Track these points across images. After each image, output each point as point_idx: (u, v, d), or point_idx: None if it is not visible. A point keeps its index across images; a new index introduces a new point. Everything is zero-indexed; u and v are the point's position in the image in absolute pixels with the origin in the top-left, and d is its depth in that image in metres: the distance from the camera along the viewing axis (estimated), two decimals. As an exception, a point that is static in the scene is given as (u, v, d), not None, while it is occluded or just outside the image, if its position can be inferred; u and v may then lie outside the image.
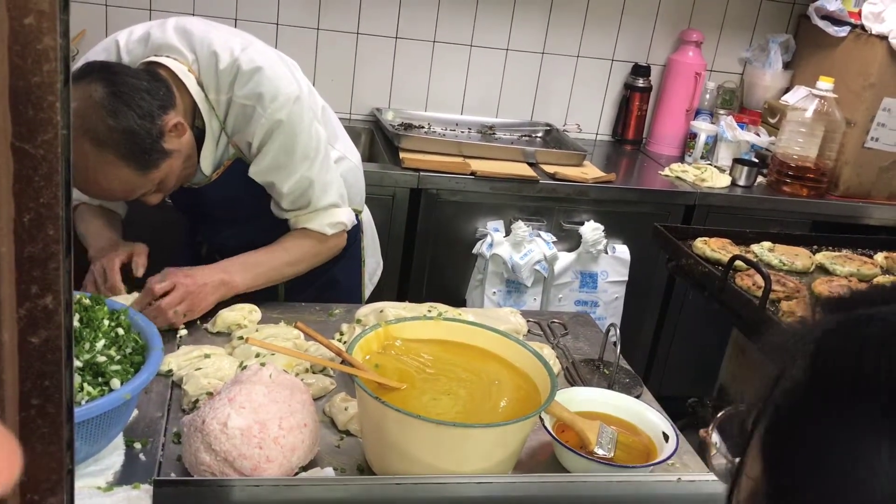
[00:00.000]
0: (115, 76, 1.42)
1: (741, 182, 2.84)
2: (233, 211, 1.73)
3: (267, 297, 1.67)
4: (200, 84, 1.54)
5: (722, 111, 3.16)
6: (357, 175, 1.91)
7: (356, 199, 1.93)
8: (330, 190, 1.69)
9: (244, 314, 1.54)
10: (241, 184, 1.64)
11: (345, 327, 1.59)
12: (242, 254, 1.63)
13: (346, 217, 1.73)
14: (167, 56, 1.54)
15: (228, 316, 1.53)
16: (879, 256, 2.05)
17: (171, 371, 1.35)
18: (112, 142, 1.38)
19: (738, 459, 0.55)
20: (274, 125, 1.55)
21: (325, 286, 1.86)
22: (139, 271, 1.59)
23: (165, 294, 1.48)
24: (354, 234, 1.94)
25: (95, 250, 1.62)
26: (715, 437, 1.15)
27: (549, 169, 2.67)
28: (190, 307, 1.50)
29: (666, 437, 1.28)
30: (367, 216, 2.04)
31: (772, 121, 3.07)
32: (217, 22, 1.71)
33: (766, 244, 2.00)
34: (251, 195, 1.66)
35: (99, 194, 1.51)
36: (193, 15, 2.73)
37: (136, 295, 1.51)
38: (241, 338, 1.45)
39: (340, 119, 3.00)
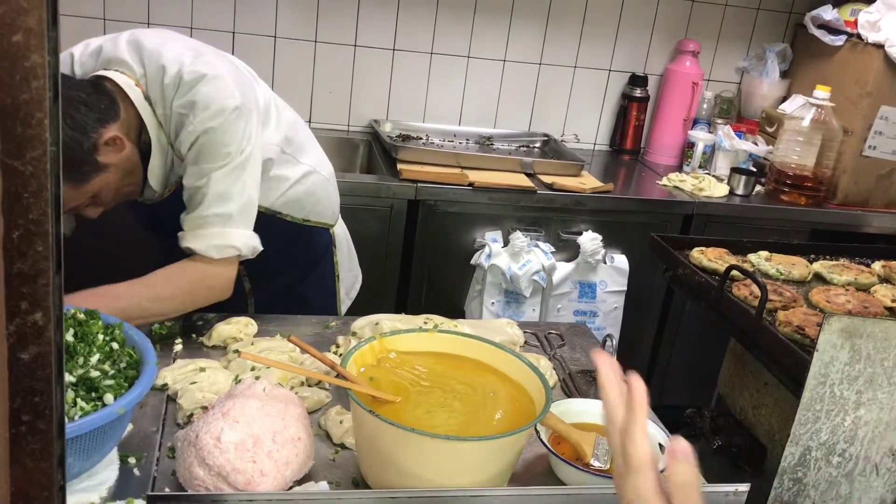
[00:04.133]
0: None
1: (739, 191, 2.85)
2: None
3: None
4: (148, 99, 1.51)
5: (719, 120, 3.17)
6: (327, 188, 1.84)
7: (327, 213, 1.87)
8: (228, 202, 1.50)
9: (240, 327, 1.54)
10: None
11: (341, 339, 1.58)
12: (108, 285, 1.46)
13: (240, 241, 1.52)
14: (115, 70, 1.51)
15: (224, 329, 1.53)
16: (877, 265, 2.04)
17: (166, 385, 1.35)
18: None
19: None
20: (202, 132, 1.47)
21: (296, 304, 1.81)
22: None
23: None
24: (326, 249, 1.89)
25: None
26: None
27: (547, 179, 2.68)
28: None
29: (662, 449, 1.27)
30: (341, 230, 1.97)
31: (769, 130, 3.08)
32: (215, 34, 1.71)
33: (763, 253, 2.00)
34: None
35: None
36: (191, 28, 2.74)
37: None
38: (236, 351, 1.45)
39: (338, 131, 3.04)
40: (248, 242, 1.54)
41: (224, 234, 1.50)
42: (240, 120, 1.50)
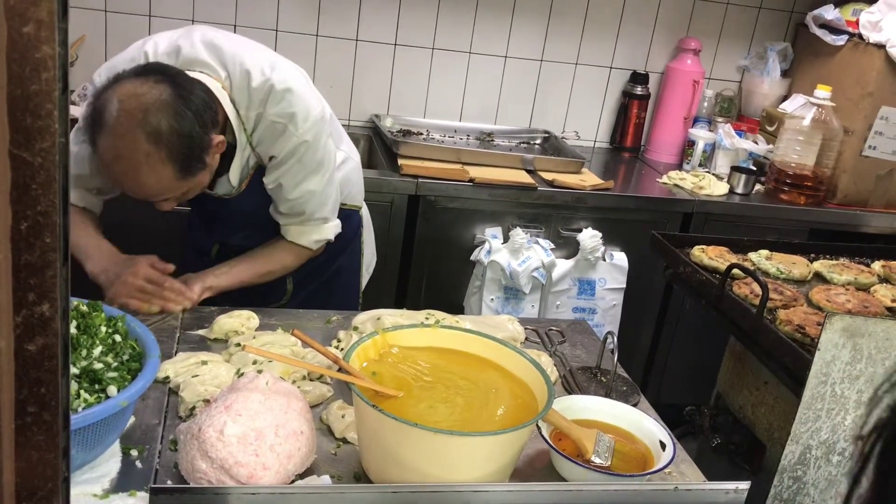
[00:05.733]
0: (182, 82, 1.47)
1: (739, 190, 2.85)
2: (256, 216, 1.78)
3: (275, 289, 1.83)
4: (232, 100, 1.58)
5: (720, 119, 3.17)
6: (358, 173, 1.99)
7: (358, 197, 2.00)
8: (327, 204, 1.75)
9: (242, 321, 1.54)
10: (265, 192, 1.71)
11: (342, 334, 1.58)
12: (231, 261, 1.72)
13: (332, 232, 1.80)
14: (200, 72, 1.57)
15: (226, 322, 1.53)
16: (877, 265, 2.05)
17: (168, 378, 1.35)
18: (169, 142, 1.43)
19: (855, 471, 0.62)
20: (301, 145, 1.62)
21: (326, 281, 1.95)
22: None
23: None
24: (356, 228, 2.03)
25: (100, 268, 1.63)
26: None
27: (548, 176, 2.68)
28: (176, 304, 1.60)
29: (663, 446, 1.27)
30: (365, 211, 2.11)
31: (770, 129, 3.08)
32: (217, 27, 1.72)
33: (764, 252, 2.00)
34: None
35: (130, 189, 1.51)
36: (192, 21, 2.73)
37: None
38: (238, 345, 1.45)
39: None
40: (335, 230, 1.81)
41: (322, 229, 1.77)
42: (325, 127, 1.66)
